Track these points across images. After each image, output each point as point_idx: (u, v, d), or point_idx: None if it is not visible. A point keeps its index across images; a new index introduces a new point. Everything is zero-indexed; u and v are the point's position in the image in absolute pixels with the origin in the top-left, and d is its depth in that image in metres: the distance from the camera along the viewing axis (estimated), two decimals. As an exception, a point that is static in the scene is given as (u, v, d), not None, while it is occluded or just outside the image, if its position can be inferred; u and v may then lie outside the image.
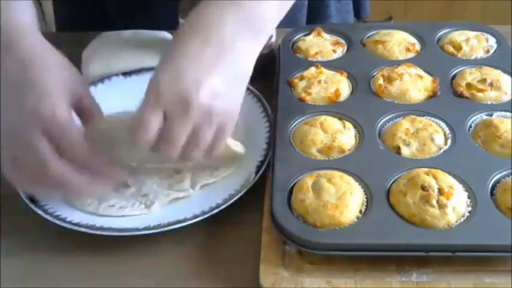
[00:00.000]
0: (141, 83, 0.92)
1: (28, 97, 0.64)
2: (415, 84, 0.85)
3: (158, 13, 1.07)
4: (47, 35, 0.73)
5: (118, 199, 0.75)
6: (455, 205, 0.67)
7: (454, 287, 0.63)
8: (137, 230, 0.70)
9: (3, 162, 0.66)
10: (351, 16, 1.21)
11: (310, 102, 0.84)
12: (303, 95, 0.85)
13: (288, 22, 0.81)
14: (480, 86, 0.84)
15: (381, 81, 0.85)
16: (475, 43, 0.94)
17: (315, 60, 0.92)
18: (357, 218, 0.68)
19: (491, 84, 0.84)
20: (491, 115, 0.80)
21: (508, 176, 0.71)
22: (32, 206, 0.73)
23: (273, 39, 0.96)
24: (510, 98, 0.84)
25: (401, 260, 0.65)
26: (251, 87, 0.89)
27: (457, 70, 0.89)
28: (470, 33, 0.96)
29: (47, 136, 0.64)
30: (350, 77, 0.88)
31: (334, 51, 0.94)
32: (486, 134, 0.77)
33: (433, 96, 0.84)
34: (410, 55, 0.93)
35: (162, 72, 0.65)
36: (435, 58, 0.92)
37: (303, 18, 1.13)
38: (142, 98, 0.66)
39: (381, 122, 0.80)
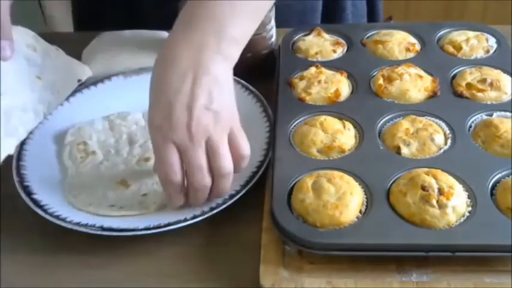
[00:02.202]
0: (140, 83, 0.93)
1: None
2: (415, 84, 0.85)
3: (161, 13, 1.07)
4: (47, 35, 0.73)
5: (118, 199, 0.75)
6: (455, 205, 0.67)
7: (454, 287, 0.63)
8: (137, 230, 0.70)
9: None
10: (364, 21, 1.21)
11: (310, 102, 0.84)
12: (303, 95, 0.85)
13: (300, 24, 0.81)
14: (480, 86, 0.84)
15: (381, 81, 0.85)
16: (475, 43, 0.94)
17: (315, 60, 0.92)
18: (357, 218, 0.68)
19: (491, 84, 0.84)
20: (491, 115, 0.80)
21: (508, 176, 0.71)
22: (32, 206, 0.73)
23: (273, 39, 0.96)
24: (510, 98, 0.84)
25: (401, 260, 0.65)
26: (251, 87, 0.89)
27: (457, 70, 0.89)
28: (470, 33, 0.96)
29: None
30: (350, 77, 0.88)
31: (334, 51, 0.94)
32: (486, 134, 0.77)
33: (433, 96, 0.84)
34: (410, 55, 0.93)
35: (155, 111, 0.67)
36: (435, 58, 0.92)
37: (316, 20, 1.13)
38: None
39: (381, 122, 0.80)
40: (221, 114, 0.67)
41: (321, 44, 0.95)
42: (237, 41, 0.70)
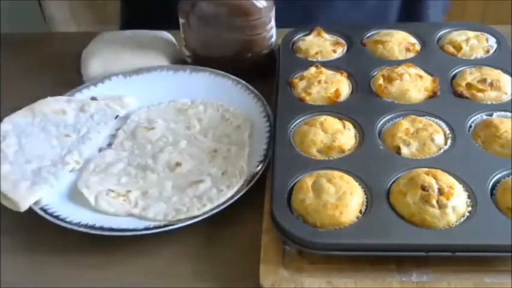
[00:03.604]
0: (141, 83, 0.93)
1: None
2: (415, 84, 0.85)
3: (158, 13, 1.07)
4: (47, 35, 0.73)
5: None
6: (455, 205, 0.67)
7: (454, 287, 0.63)
8: (137, 230, 0.70)
9: None
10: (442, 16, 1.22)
11: (310, 102, 0.84)
12: (303, 95, 0.85)
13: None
14: (480, 86, 0.84)
15: (381, 81, 0.85)
16: (475, 43, 0.94)
17: (315, 60, 0.92)
18: (357, 218, 0.68)
19: (491, 84, 0.84)
20: (491, 115, 0.80)
21: (508, 176, 0.71)
22: (32, 206, 0.73)
23: (273, 39, 0.96)
24: (510, 98, 0.84)
25: (401, 260, 0.65)
26: (251, 87, 0.89)
27: (457, 70, 0.89)
28: (470, 33, 0.96)
29: None
30: (350, 77, 0.88)
31: (334, 51, 0.94)
32: (486, 134, 0.77)
33: (433, 96, 0.84)
34: (410, 55, 0.93)
35: None
36: (435, 58, 0.92)
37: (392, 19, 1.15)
38: None
39: (381, 122, 0.80)
40: None
41: (321, 44, 0.95)
42: None
